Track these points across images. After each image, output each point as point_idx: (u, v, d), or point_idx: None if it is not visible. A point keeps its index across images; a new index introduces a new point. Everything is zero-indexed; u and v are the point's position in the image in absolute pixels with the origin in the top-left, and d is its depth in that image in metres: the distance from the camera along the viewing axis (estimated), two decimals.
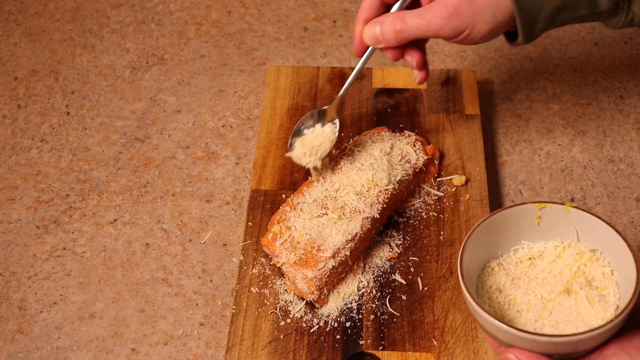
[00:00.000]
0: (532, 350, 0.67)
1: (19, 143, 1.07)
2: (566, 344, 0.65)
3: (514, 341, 0.67)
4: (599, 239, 0.74)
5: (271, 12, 1.24)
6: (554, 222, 0.76)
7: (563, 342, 0.65)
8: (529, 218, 0.76)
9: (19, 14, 1.25)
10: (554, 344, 0.65)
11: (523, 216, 0.76)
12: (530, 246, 0.77)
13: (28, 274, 0.92)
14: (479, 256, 0.76)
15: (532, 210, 0.76)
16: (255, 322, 0.84)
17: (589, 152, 1.02)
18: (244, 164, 1.02)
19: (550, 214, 0.76)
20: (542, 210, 0.76)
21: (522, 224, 0.76)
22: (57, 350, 0.86)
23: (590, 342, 0.66)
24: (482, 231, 0.75)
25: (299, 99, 1.05)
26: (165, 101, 1.11)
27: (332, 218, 0.85)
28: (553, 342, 0.65)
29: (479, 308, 0.68)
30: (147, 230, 0.96)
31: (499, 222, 0.76)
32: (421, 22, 0.79)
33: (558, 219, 0.76)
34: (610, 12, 0.79)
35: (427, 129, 1.01)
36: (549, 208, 0.75)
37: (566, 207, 0.75)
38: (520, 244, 0.77)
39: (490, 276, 0.76)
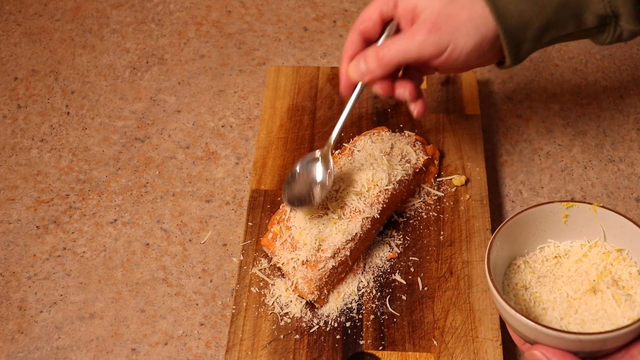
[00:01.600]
0: (558, 348, 0.67)
1: (19, 143, 1.07)
2: (593, 342, 0.65)
3: (540, 338, 0.68)
4: (626, 238, 0.74)
5: (271, 12, 1.24)
6: (581, 222, 0.76)
7: (590, 340, 0.65)
8: (556, 217, 0.77)
9: (19, 14, 1.25)
10: (581, 341, 0.66)
11: (550, 215, 0.77)
12: (556, 245, 0.78)
13: (28, 274, 0.92)
14: (505, 253, 0.76)
15: (559, 209, 0.76)
16: (255, 322, 0.84)
17: (589, 152, 1.02)
18: (244, 164, 1.02)
19: (578, 213, 0.76)
20: (570, 210, 0.76)
21: (548, 223, 0.77)
22: (57, 350, 0.86)
23: (616, 341, 0.66)
24: (509, 229, 0.75)
25: (299, 99, 1.05)
26: (165, 101, 1.11)
27: (332, 218, 0.85)
28: (580, 339, 0.65)
29: (506, 304, 0.69)
30: (147, 230, 0.96)
31: (526, 220, 0.76)
32: (401, 43, 0.76)
33: (585, 219, 0.76)
34: (598, 29, 0.77)
35: (427, 129, 1.01)
36: (576, 207, 0.76)
37: (594, 206, 0.75)
38: (546, 242, 0.78)
39: (517, 274, 0.76)
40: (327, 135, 1.01)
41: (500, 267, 0.76)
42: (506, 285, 0.76)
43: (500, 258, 0.75)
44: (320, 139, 1.00)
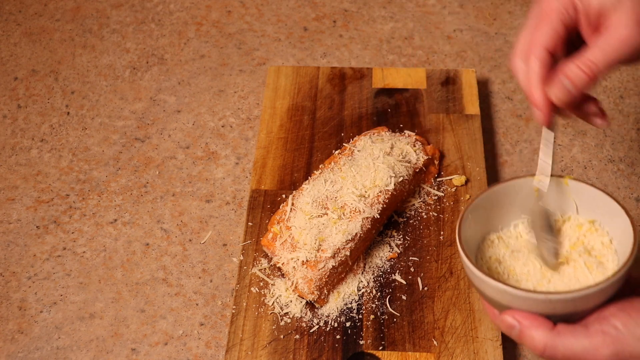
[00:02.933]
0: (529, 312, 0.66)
1: (19, 143, 1.07)
2: (562, 302, 0.65)
3: (511, 302, 0.67)
4: (598, 209, 0.74)
5: (271, 12, 1.24)
6: (554, 195, 0.76)
7: (559, 300, 0.65)
8: (529, 191, 0.76)
9: (19, 14, 1.25)
10: (550, 301, 0.65)
11: (522, 190, 0.76)
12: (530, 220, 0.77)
13: (28, 274, 0.92)
14: (479, 229, 0.76)
15: (531, 183, 0.75)
16: (255, 322, 0.84)
17: (589, 152, 1.02)
18: (244, 164, 1.02)
19: (550, 186, 0.75)
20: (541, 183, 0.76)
21: (521, 198, 0.76)
22: (57, 350, 0.86)
23: (586, 301, 0.65)
24: (482, 203, 0.75)
25: (299, 99, 1.05)
26: (165, 101, 1.11)
27: (332, 218, 0.85)
28: (549, 299, 0.65)
29: (476, 269, 0.68)
30: (147, 230, 0.96)
31: (498, 195, 0.76)
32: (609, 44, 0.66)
33: (557, 192, 0.76)
34: None
35: (427, 129, 1.01)
36: None
37: (565, 179, 0.75)
38: (520, 218, 0.78)
39: (490, 248, 0.76)
40: (327, 135, 1.01)
41: (474, 242, 0.76)
42: (479, 259, 0.76)
43: (474, 232, 0.75)
44: (320, 139, 1.01)
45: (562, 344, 0.65)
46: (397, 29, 1.20)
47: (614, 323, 0.64)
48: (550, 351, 0.65)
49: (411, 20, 1.21)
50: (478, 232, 0.76)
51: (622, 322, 0.63)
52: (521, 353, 0.84)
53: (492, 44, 1.17)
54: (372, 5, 1.24)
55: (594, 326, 0.64)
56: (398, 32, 1.19)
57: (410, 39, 1.18)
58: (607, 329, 0.64)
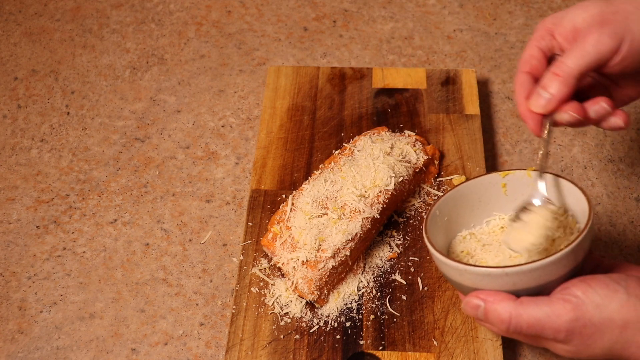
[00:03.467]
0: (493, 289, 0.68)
1: (19, 143, 1.07)
2: (520, 274, 0.67)
3: (474, 282, 0.69)
4: (560, 196, 0.76)
5: (271, 12, 1.24)
6: (520, 189, 0.78)
7: (517, 272, 0.67)
8: (496, 187, 0.79)
9: (19, 14, 1.25)
10: (507, 275, 0.67)
11: (490, 186, 0.79)
12: (501, 217, 0.80)
13: (28, 274, 0.92)
14: (451, 226, 0.78)
15: (497, 179, 0.78)
16: (255, 322, 0.84)
17: (589, 152, 1.02)
18: (244, 164, 1.02)
19: (515, 180, 0.78)
20: (507, 178, 0.78)
21: (490, 195, 0.79)
22: (57, 350, 0.86)
23: (544, 273, 0.67)
24: (450, 200, 0.78)
25: (299, 99, 1.05)
26: (165, 101, 1.11)
27: (332, 218, 0.85)
28: (506, 273, 0.67)
29: (438, 253, 0.70)
30: (147, 230, 0.96)
31: (466, 193, 0.78)
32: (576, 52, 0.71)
33: (522, 185, 0.78)
34: None
35: (427, 129, 1.01)
36: (512, 175, 0.78)
37: (527, 171, 0.77)
38: (491, 215, 0.80)
39: (461, 243, 0.78)
40: (327, 135, 1.01)
41: (446, 239, 0.78)
42: (451, 253, 0.78)
43: (445, 230, 0.77)
44: (320, 139, 1.01)
45: (526, 313, 0.67)
46: (397, 29, 1.20)
47: (574, 292, 0.67)
48: (515, 321, 0.67)
49: (411, 20, 1.21)
50: (449, 229, 0.79)
51: (582, 290, 0.67)
52: (521, 353, 0.84)
53: (492, 44, 1.17)
54: (372, 5, 1.24)
55: (556, 295, 0.68)
56: (398, 32, 1.19)
57: (410, 39, 1.18)
58: (568, 297, 0.67)
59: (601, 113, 0.73)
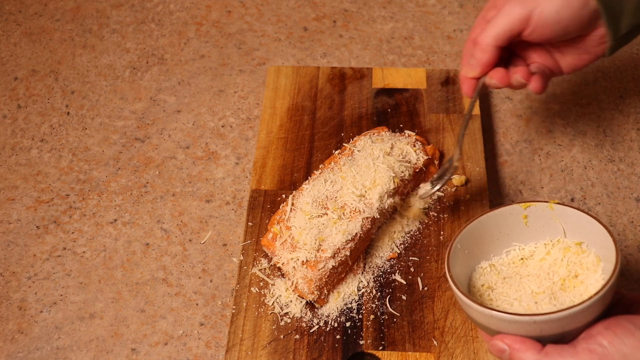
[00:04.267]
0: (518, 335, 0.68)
1: (19, 143, 1.07)
2: (548, 322, 0.66)
3: (500, 326, 0.68)
4: (584, 231, 0.75)
5: (271, 12, 1.24)
6: (541, 221, 0.77)
7: (544, 321, 0.66)
8: (517, 218, 0.77)
9: (19, 14, 1.25)
10: (536, 323, 0.66)
11: (510, 217, 0.77)
12: (521, 247, 0.78)
13: (28, 274, 0.92)
14: (471, 258, 0.77)
15: (518, 210, 0.77)
16: (255, 322, 0.84)
17: (589, 152, 1.02)
18: (244, 164, 1.02)
19: (536, 212, 0.77)
20: (528, 210, 0.77)
21: (510, 225, 0.78)
22: (57, 350, 0.86)
23: (572, 320, 0.66)
24: (470, 232, 0.76)
25: (299, 99, 1.05)
26: (165, 101, 1.11)
27: (332, 218, 0.85)
28: (534, 321, 0.66)
29: (463, 296, 0.69)
30: (147, 230, 0.96)
31: (486, 224, 0.77)
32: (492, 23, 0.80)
33: (544, 217, 0.77)
34: None
35: (427, 129, 1.01)
36: (534, 207, 0.77)
37: (550, 204, 0.76)
38: (511, 245, 0.78)
39: (482, 276, 0.77)
40: (327, 135, 1.01)
41: (466, 270, 0.77)
42: (472, 287, 0.76)
43: (465, 261, 0.76)
44: (320, 139, 1.01)
45: None
46: (397, 29, 1.20)
47: (600, 341, 0.65)
48: None
49: (411, 20, 1.21)
50: (471, 261, 0.77)
51: (608, 340, 0.65)
52: None
53: None
54: (372, 5, 1.24)
55: (581, 345, 0.66)
56: (398, 32, 1.19)
57: (410, 39, 1.18)
58: (594, 347, 0.65)
59: (519, 82, 0.83)
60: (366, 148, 0.92)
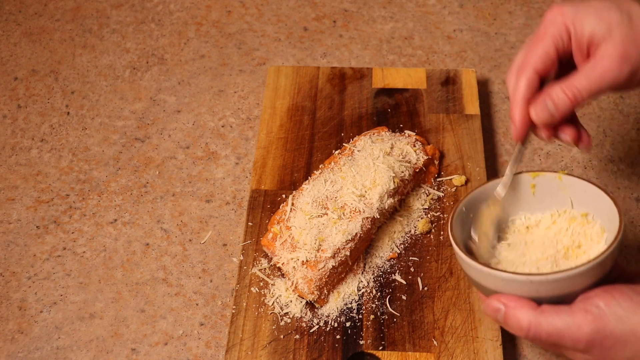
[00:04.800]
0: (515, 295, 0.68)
1: (19, 143, 1.07)
2: (545, 283, 0.66)
3: (497, 286, 0.68)
4: (591, 202, 0.75)
5: (271, 12, 1.24)
6: (549, 191, 0.78)
7: (541, 281, 0.66)
8: (525, 187, 0.78)
9: (19, 14, 1.25)
10: (532, 283, 0.66)
11: (518, 186, 0.78)
12: (527, 216, 0.79)
13: (28, 274, 0.92)
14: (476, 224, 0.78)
15: (526, 179, 0.78)
16: (255, 322, 0.84)
17: (589, 152, 1.02)
18: (244, 164, 1.03)
19: (545, 182, 0.78)
20: (537, 179, 0.78)
21: (518, 194, 0.78)
22: (57, 350, 0.86)
23: (570, 284, 0.66)
24: (477, 198, 0.77)
25: (299, 99, 1.05)
26: (165, 101, 1.11)
27: (332, 218, 0.85)
28: (531, 280, 0.66)
29: (463, 254, 0.70)
30: (147, 230, 0.96)
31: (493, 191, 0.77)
32: (594, 75, 0.69)
33: (552, 187, 0.78)
34: None
35: (427, 129, 1.01)
36: (542, 177, 0.77)
37: (559, 175, 0.77)
38: (517, 214, 0.79)
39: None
40: (327, 135, 1.01)
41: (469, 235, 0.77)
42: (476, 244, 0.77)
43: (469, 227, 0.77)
44: (320, 139, 1.01)
45: (546, 322, 0.66)
46: (397, 29, 1.20)
47: (597, 302, 0.66)
48: (535, 329, 0.67)
49: (411, 20, 1.21)
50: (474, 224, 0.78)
51: (605, 302, 0.65)
52: (521, 353, 0.84)
53: (492, 44, 1.17)
54: (372, 5, 1.24)
55: (577, 305, 0.66)
56: (398, 32, 1.20)
57: (410, 39, 1.18)
58: (590, 307, 0.66)
59: (566, 141, 0.75)
60: (366, 148, 0.92)
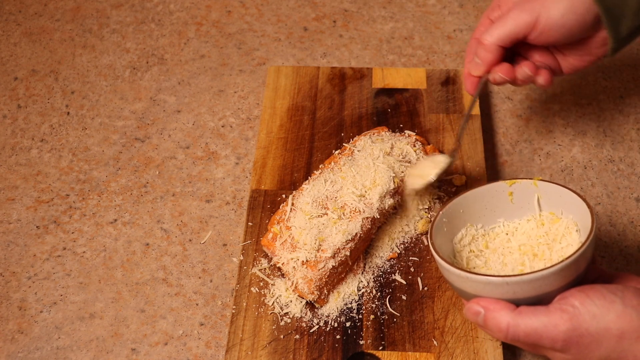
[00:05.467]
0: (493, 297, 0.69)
1: (19, 143, 1.07)
2: (520, 284, 0.67)
3: (475, 289, 0.70)
4: (566, 206, 0.77)
5: (271, 12, 1.24)
6: (526, 197, 0.80)
7: (517, 282, 0.67)
8: (502, 195, 0.80)
9: (19, 14, 1.25)
10: (508, 284, 0.68)
11: (496, 194, 0.80)
12: (506, 224, 0.81)
13: (28, 274, 0.92)
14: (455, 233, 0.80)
15: (504, 187, 0.80)
16: (255, 322, 0.84)
17: (589, 152, 1.02)
18: (244, 164, 1.03)
19: (521, 189, 0.79)
20: (514, 187, 0.79)
21: (496, 202, 0.80)
22: (57, 350, 0.86)
23: (545, 284, 0.68)
24: (456, 207, 0.79)
25: (299, 99, 1.05)
26: (165, 101, 1.11)
27: (332, 218, 0.85)
28: (507, 282, 0.67)
29: (441, 259, 0.72)
30: (147, 230, 0.96)
31: (472, 200, 0.80)
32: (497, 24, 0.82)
33: (528, 193, 0.79)
34: None
35: (427, 129, 1.01)
36: (518, 184, 0.79)
37: (534, 181, 0.79)
38: (496, 222, 0.81)
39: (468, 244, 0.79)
40: (327, 135, 1.01)
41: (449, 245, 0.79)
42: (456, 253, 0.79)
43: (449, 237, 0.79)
44: (320, 139, 1.01)
45: (524, 322, 0.68)
46: (397, 29, 1.20)
47: (572, 302, 0.67)
48: (513, 330, 0.68)
49: (411, 20, 1.21)
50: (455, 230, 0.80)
51: (580, 301, 0.67)
52: (521, 353, 0.84)
53: None
54: (372, 5, 1.24)
55: (554, 305, 0.68)
56: (398, 32, 1.20)
57: (410, 39, 1.18)
58: (565, 307, 0.67)
59: (525, 75, 0.84)
60: (366, 148, 0.92)
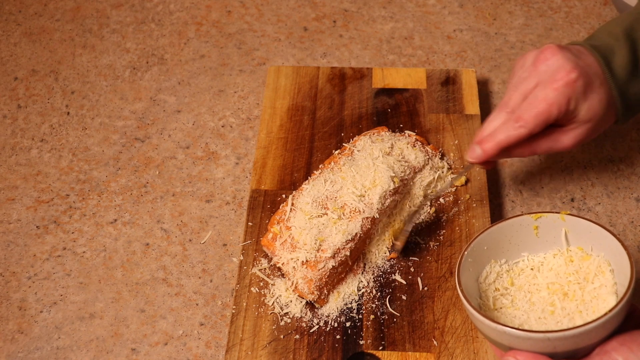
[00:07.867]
0: (531, 351, 0.66)
1: (19, 143, 1.07)
2: (562, 339, 0.65)
3: (512, 343, 0.67)
4: (596, 242, 0.74)
5: (271, 12, 1.24)
6: (552, 231, 0.76)
7: (558, 338, 0.64)
8: (527, 229, 0.76)
9: (19, 14, 1.25)
10: (549, 340, 0.65)
11: (520, 228, 0.76)
12: (531, 258, 0.77)
13: (28, 274, 0.92)
14: (480, 266, 0.76)
15: (528, 221, 0.76)
16: (255, 322, 0.84)
17: (589, 152, 1.02)
18: (244, 164, 1.03)
19: (547, 223, 0.76)
20: (539, 221, 0.76)
21: (520, 236, 0.77)
22: (57, 350, 0.86)
23: (587, 337, 0.65)
24: (480, 244, 0.75)
25: (299, 99, 1.05)
26: (165, 101, 1.11)
27: (332, 218, 0.85)
28: (548, 338, 0.65)
29: (476, 312, 0.68)
30: (147, 230, 0.96)
31: (496, 235, 0.76)
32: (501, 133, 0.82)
33: (555, 227, 0.76)
34: None
35: (427, 129, 1.01)
36: (545, 218, 0.76)
37: (561, 215, 0.75)
38: (520, 256, 0.78)
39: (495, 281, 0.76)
40: (327, 135, 1.01)
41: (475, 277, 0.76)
42: (482, 292, 0.76)
43: (475, 275, 0.75)
44: (320, 139, 1.01)
45: None
46: (397, 29, 1.20)
47: (615, 357, 0.64)
48: None
49: (411, 20, 1.21)
50: (479, 268, 0.76)
51: (624, 356, 0.64)
52: None
53: (492, 44, 1.17)
54: (372, 5, 1.24)
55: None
56: (398, 32, 1.20)
57: (410, 39, 1.18)
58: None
59: None
60: (366, 148, 0.92)
